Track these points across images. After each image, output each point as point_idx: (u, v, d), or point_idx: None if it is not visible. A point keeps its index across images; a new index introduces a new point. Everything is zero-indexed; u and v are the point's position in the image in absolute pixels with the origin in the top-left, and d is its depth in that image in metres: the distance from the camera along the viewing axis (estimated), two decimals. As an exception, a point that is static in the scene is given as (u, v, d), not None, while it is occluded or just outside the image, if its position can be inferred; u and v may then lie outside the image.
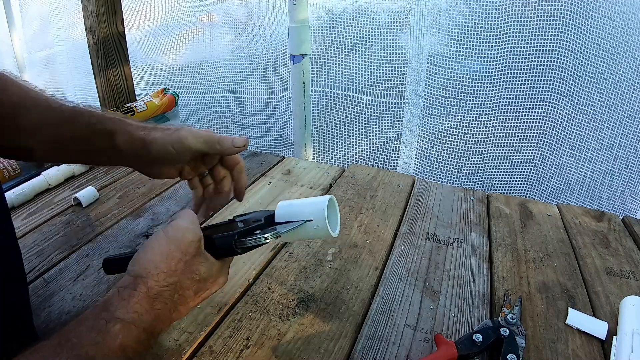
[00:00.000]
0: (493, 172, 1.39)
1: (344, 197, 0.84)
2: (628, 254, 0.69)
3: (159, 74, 1.94)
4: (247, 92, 1.73)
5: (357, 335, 0.52)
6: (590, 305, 0.58)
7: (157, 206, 0.82)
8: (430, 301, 0.58)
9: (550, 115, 1.25)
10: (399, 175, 0.94)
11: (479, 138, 1.35)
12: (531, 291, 0.60)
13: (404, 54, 1.35)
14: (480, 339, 0.49)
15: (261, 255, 0.67)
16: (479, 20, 1.19)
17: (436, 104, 1.35)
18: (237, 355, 0.49)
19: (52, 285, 0.61)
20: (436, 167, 1.43)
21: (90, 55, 1.41)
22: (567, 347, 0.51)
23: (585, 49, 1.13)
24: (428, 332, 0.53)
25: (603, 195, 1.28)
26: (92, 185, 0.87)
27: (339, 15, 1.40)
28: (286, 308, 0.56)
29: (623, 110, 1.17)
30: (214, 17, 1.76)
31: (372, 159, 1.56)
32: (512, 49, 1.20)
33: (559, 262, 0.67)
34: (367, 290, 0.60)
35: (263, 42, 1.62)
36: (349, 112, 1.51)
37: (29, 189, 0.84)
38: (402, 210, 0.80)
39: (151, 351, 0.39)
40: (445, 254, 0.68)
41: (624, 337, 0.50)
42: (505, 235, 0.73)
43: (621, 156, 1.22)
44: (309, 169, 0.97)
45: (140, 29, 1.87)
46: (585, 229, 0.76)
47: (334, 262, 0.65)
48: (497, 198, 0.85)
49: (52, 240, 0.72)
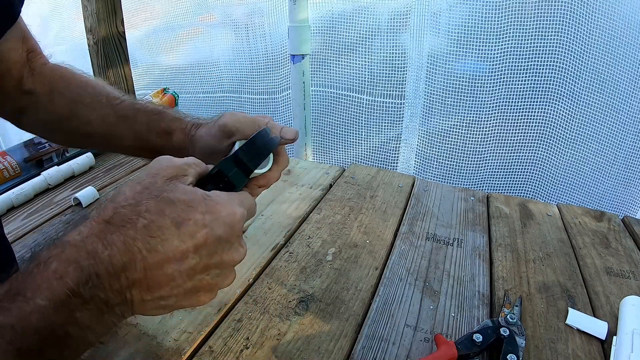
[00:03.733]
0: (493, 172, 1.39)
1: (344, 197, 0.84)
2: (628, 254, 0.69)
3: (159, 74, 1.93)
4: (247, 92, 1.73)
5: (357, 335, 0.52)
6: (590, 305, 0.58)
7: (157, 206, 0.82)
8: (430, 301, 0.58)
9: (550, 115, 1.25)
10: (399, 175, 0.94)
11: (479, 138, 1.35)
12: (531, 291, 0.60)
13: (404, 54, 1.35)
14: (480, 339, 0.49)
15: (261, 255, 0.67)
16: (479, 20, 1.19)
17: (436, 104, 1.35)
18: (237, 355, 0.49)
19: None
20: (436, 167, 1.43)
21: (90, 55, 1.41)
22: (567, 347, 0.51)
23: (585, 49, 1.13)
24: (428, 332, 0.53)
25: (603, 195, 1.28)
26: (92, 185, 0.87)
27: (339, 15, 1.40)
28: (286, 308, 0.56)
29: (623, 110, 1.16)
30: (214, 17, 1.76)
31: (372, 159, 1.56)
32: (512, 49, 1.20)
33: (559, 262, 0.67)
34: (367, 290, 0.60)
35: (263, 42, 1.62)
36: (349, 112, 1.51)
37: (29, 189, 0.84)
38: (402, 210, 0.80)
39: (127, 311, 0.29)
40: (445, 254, 0.68)
41: (624, 337, 0.50)
42: (505, 235, 0.73)
43: (621, 156, 1.22)
44: (309, 169, 0.97)
45: (140, 29, 1.87)
46: (585, 229, 0.76)
47: (334, 262, 0.65)
48: (497, 198, 0.85)
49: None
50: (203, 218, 0.30)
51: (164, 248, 0.28)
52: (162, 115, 0.52)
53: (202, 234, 0.30)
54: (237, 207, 0.33)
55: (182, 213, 0.29)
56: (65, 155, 1.00)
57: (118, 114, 0.52)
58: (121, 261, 0.27)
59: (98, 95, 0.53)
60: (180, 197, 0.30)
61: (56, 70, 0.55)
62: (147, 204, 0.29)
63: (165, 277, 0.29)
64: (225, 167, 0.35)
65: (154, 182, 0.31)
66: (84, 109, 0.53)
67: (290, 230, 0.73)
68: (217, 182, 0.35)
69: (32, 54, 0.53)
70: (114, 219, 0.28)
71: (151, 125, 0.52)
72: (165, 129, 0.52)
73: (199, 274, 0.31)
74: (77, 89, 0.54)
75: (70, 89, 0.54)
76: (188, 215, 0.29)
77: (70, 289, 0.26)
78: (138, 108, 0.53)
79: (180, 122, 0.52)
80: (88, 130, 0.53)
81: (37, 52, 0.54)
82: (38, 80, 0.53)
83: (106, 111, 0.53)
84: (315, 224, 0.75)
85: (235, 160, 0.36)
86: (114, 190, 0.37)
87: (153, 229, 0.28)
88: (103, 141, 0.55)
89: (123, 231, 0.28)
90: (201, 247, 0.30)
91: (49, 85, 0.53)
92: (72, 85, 0.54)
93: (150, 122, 0.52)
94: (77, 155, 0.98)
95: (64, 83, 0.54)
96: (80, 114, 0.53)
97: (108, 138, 0.54)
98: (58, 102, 0.53)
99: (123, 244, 0.27)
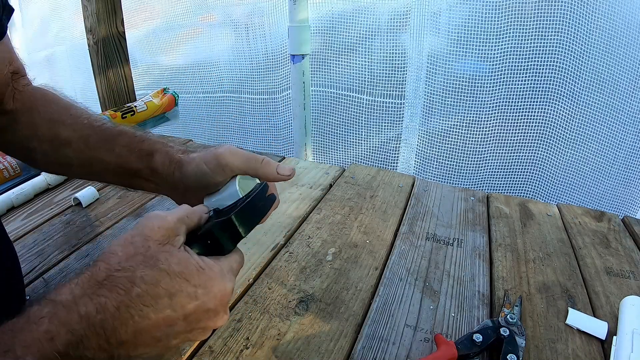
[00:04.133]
0: (493, 172, 1.39)
1: (344, 197, 0.84)
2: (628, 254, 0.69)
3: (159, 74, 1.94)
4: (247, 92, 1.73)
5: (357, 335, 0.52)
6: (590, 305, 0.58)
7: (157, 206, 0.82)
8: (430, 301, 0.58)
9: (550, 115, 1.25)
10: (399, 175, 0.94)
11: (479, 138, 1.35)
12: (531, 291, 0.60)
13: (404, 54, 1.35)
14: (480, 339, 0.49)
15: (261, 255, 0.67)
16: (479, 20, 1.19)
17: (436, 104, 1.35)
18: (237, 355, 0.49)
19: (52, 285, 0.61)
20: (436, 167, 1.43)
21: (90, 55, 1.42)
22: (567, 347, 0.51)
23: (585, 49, 1.13)
24: (428, 332, 0.53)
25: (603, 195, 1.28)
26: (92, 186, 0.87)
27: (339, 15, 1.40)
28: (286, 308, 0.56)
29: (623, 110, 1.17)
30: (214, 17, 1.76)
31: (372, 159, 1.56)
32: (512, 49, 1.20)
33: (559, 262, 0.67)
34: (367, 290, 0.60)
35: (263, 42, 1.62)
36: (349, 112, 1.51)
37: (29, 189, 0.84)
38: (402, 210, 0.80)
39: None
40: (445, 254, 0.68)
41: (624, 337, 0.50)
42: (505, 235, 0.73)
43: (621, 156, 1.22)
44: (309, 169, 0.97)
45: (140, 29, 1.87)
46: (585, 229, 0.76)
47: (334, 262, 0.65)
48: (497, 198, 0.85)
49: (52, 240, 0.72)
50: (195, 291, 0.31)
51: (156, 316, 0.30)
52: (145, 138, 0.50)
53: (192, 305, 0.31)
54: (228, 282, 0.34)
55: (176, 285, 0.31)
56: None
57: (99, 135, 0.50)
58: (112, 325, 0.28)
59: (79, 116, 0.52)
60: (175, 269, 0.31)
61: (38, 91, 0.54)
62: (143, 272, 0.30)
63: (152, 339, 0.30)
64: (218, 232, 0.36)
65: (147, 246, 0.31)
66: (65, 130, 0.51)
67: (290, 230, 0.73)
68: (206, 240, 0.36)
69: (16, 75, 0.52)
70: (107, 282, 0.29)
71: (132, 147, 0.49)
72: (146, 150, 0.49)
73: (183, 334, 0.32)
74: (59, 108, 0.52)
75: (52, 109, 0.52)
76: (181, 287, 0.31)
77: (59, 351, 0.26)
78: (120, 130, 0.51)
79: (164, 145, 0.49)
80: (67, 153, 0.51)
81: (21, 74, 0.53)
82: (19, 100, 0.51)
83: (87, 132, 0.51)
84: (315, 224, 0.75)
85: (227, 225, 0.36)
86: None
87: (147, 299, 0.29)
88: (83, 164, 0.52)
89: (116, 297, 0.29)
90: (190, 315, 0.32)
91: (30, 104, 0.52)
92: (54, 105, 0.52)
93: (131, 143, 0.50)
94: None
95: (45, 102, 0.53)
96: (61, 134, 0.51)
97: (88, 160, 0.51)
98: (38, 121, 0.51)
99: (116, 309, 0.28)
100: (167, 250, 0.32)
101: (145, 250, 0.31)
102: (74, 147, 0.51)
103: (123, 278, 0.29)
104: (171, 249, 0.32)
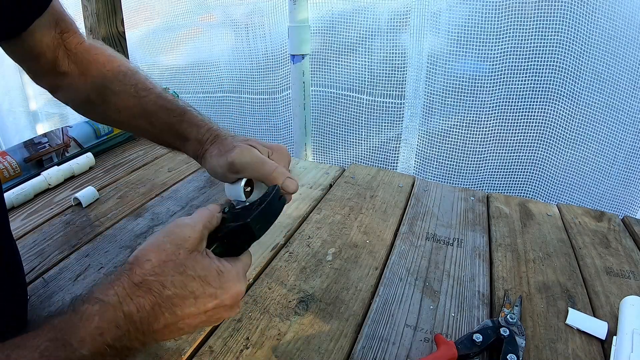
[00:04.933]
0: (493, 172, 1.39)
1: (344, 197, 0.84)
2: (628, 254, 0.69)
3: (159, 74, 1.93)
4: (247, 92, 1.73)
5: (357, 335, 0.53)
6: (590, 305, 0.58)
7: (157, 206, 0.82)
8: (430, 301, 0.58)
9: (550, 115, 1.25)
10: (399, 175, 0.94)
11: (479, 138, 1.35)
12: (531, 291, 0.60)
13: (404, 54, 1.35)
14: (480, 339, 0.49)
15: (261, 255, 0.67)
16: (479, 20, 1.19)
17: (436, 104, 1.34)
18: (237, 355, 0.49)
19: (52, 285, 0.61)
20: (436, 167, 1.43)
21: (90, 55, 1.41)
22: (567, 347, 0.51)
23: (585, 49, 1.13)
24: (428, 332, 0.53)
25: (603, 195, 1.28)
26: (92, 185, 0.87)
27: (339, 15, 1.40)
28: (286, 308, 0.56)
29: (623, 110, 1.16)
30: (213, 17, 1.76)
31: (372, 159, 1.55)
32: (512, 49, 1.20)
33: (559, 262, 0.67)
34: (367, 290, 0.60)
35: (263, 42, 1.62)
36: (349, 112, 1.51)
37: (29, 189, 0.84)
38: (402, 210, 0.80)
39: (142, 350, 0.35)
40: (445, 254, 0.68)
41: (624, 337, 0.50)
42: (505, 235, 0.73)
43: (621, 156, 1.22)
44: (309, 169, 0.97)
45: (140, 28, 1.87)
46: (585, 229, 0.76)
47: (334, 262, 0.65)
48: (497, 198, 0.85)
49: (52, 240, 0.72)
50: (215, 292, 0.38)
51: (183, 312, 0.36)
52: (183, 118, 0.53)
53: (212, 304, 0.38)
54: (243, 284, 0.41)
55: (200, 288, 0.37)
56: (66, 155, 1.00)
57: (142, 107, 0.54)
58: (148, 321, 0.34)
59: (127, 84, 0.55)
60: (200, 274, 0.37)
61: (91, 52, 0.56)
62: (173, 277, 0.36)
63: (177, 329, 0.37)
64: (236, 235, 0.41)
65: (177, 253, 0.37)
66: (113, 97, 0.54)
67: (291, 230, 0.73)
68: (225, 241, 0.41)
69: (67, 34, 0.54)
70: (143, 285, 0.35)
71: (170, 126, 0.54)
72: (182, 134, 0.53)
73: (202, 323, 0.39)
74: (109, 74, 0.55)
75: (102, 75, 0.55)
76: (204, 290, 0.37)
77: (108, 344, 0.32)
78: (161, 105, 0.54)
79: (198, 131, 0.53)
80: (116, 118, 0.56)
81: (71, 32, 0.54)
82: (72, 62, 0.54)
83: (132, 102, 0.54)
84: (315, 224, 0.75)
85: (245, 229, 0.41)
86: None
87: (176, 300, 0.35)
88: (132, 129, 0.58)
89: (151, 298, 0.34)
90: (210, 310, 0.38)
91: (82, 69, 0.55)
92: (105, 71, 0.55)
93: (169, 122, 0.54)
94: (77, 155, 0.98)
95: (97, 67, 0.55)
96: (110, 101, 0.55)
97: (135, 127, 0.56)
98: (90, 86, 0.55)
99: (152, 308, 0.34)
100: (194, 258, 0.37)
101: (175, 257, 0.37)
102: (121, 115, 0.55)
103: (156, 282, 0.35)
104: (197, 256, 0.38)
